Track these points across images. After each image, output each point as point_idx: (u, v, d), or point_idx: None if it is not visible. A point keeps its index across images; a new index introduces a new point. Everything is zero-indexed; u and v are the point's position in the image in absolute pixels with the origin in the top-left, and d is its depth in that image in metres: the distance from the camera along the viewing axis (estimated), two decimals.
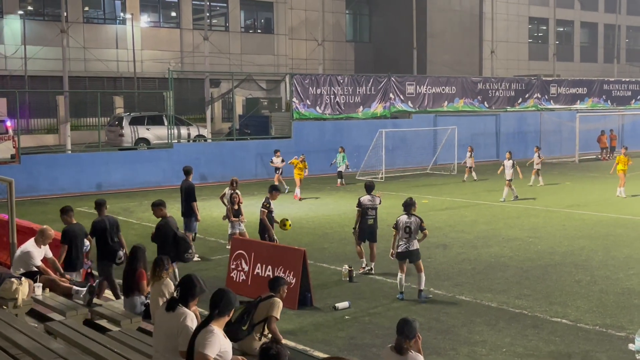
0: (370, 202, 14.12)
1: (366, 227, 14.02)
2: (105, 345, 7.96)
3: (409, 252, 12.12)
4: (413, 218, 12.11)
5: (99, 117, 30.18)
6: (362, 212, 14.02)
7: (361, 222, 14.05)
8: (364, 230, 14.03)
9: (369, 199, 14.15)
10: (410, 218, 12.10)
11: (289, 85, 33.63)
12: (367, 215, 14.03)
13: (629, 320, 10.61)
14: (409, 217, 12.13)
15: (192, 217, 15.65)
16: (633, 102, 47.52)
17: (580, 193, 25.47)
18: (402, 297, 12.07)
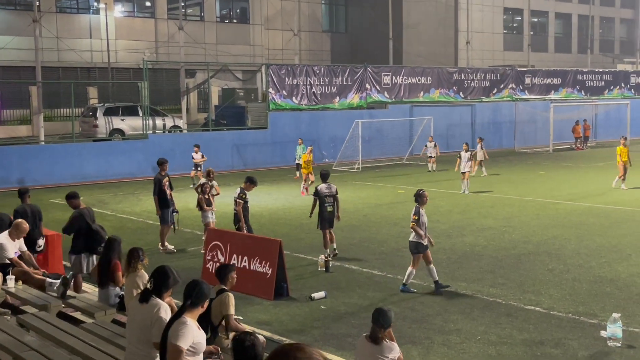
0: (328, 190, 14.48)
1: (326, 215, 14.34)
2: (79, 337, 7.91)
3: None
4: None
5: (72, 108, 29.89)
6: (320, 200, 14.36)
7: (321, 210, 14.36)
8: (324, 218, 14.33)
9: (326, 187, 14.51)
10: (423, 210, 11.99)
11: (265, 75, 33.53)
12: (325, 202, 14.37)
13: (601, 308, 10.76)
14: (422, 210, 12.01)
15: (164, 209, 15.31)
16: (606, 92, 48.01)
17: (554, 182, 25.72)
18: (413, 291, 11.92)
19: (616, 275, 12.64)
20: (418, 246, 11.76)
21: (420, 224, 11.73)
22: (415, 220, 11.70)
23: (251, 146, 32.13)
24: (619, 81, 49.00)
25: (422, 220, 11.75)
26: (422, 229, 11.72)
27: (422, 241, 11.72)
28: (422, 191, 12.07)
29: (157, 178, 15.41)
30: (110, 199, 23.22)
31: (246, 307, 10.91)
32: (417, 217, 11.70)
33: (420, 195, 11.96)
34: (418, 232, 11.66)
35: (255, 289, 11.62)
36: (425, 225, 11.85)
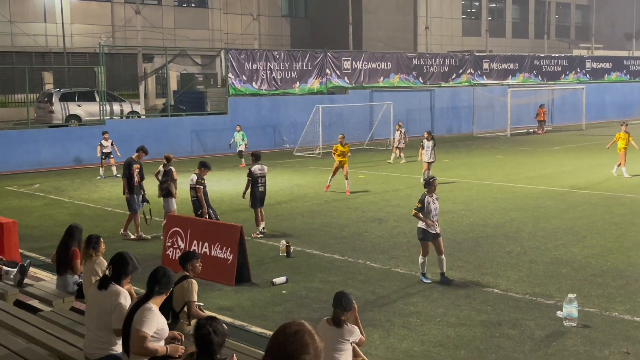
0: (261, 171, 15.16)
1: (258, 194, 15.08)
2: (37, 325, 7.81)
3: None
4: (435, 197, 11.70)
5: (27, 94, 29.28)
6: (253, 180, 15.02)
7: (253, 190, 15.05)
8: (256, 197, 15.07)
9: (259, 168, 15.16)
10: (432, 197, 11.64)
11: (225, 60, 33.25)
12: (258, 183, 15.09)
13: (557, 289, 10.97)
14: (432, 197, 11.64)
15: (133, 195, 15.00)
16: (562, 77, 48.77)
17: (512, 166, 26.08)
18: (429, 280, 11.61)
19: (572, 257, 12.90)
20: (424, 233, 11.47)
21: (426, 212, 11.41)
22: (419, 208, 11.44)
23: (211, 132, 31.91)
24: (575, 66, 49.80)
25: (428, 208, 11.42)
26: (429, 218, 11.40)
27: (429, 229, 11.42)
28: (432, 179, 11.74)
29: (128, 161, 15.21)
30: (67, 186, 22.88)
31: (207, 293, 10.87)
32: (420, 205, 11.42)
33: (428, 182, 11.67)
34: (420, 219, 11.42)
35: (217, 275, 11.58)
36: (433, 213, 11.47)
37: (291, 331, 3.01)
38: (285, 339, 2.99)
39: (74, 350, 7.04)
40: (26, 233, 15.12)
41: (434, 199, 11.57)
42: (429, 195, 11.54)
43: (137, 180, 15.07)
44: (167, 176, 15.11)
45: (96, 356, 6.60)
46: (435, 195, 11.65)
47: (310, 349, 2.98)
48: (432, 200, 11.53)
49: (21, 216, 16.78)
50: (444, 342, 8.93)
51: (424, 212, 11.43)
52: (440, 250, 11.51)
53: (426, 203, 11.45)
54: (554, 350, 8.62)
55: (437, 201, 11.65)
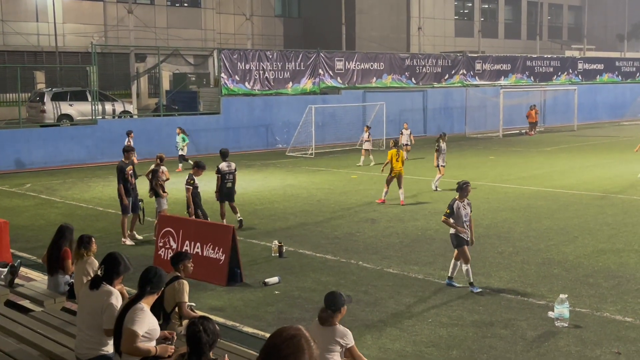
0: (228, 168, 15.60)
1: (225, 190, 15.52)
2: (28, 326, 7.78)
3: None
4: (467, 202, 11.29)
5: (19, 93, 29.17)
6: (221, 177, 15.46)
7: (221, 187, 15.50)
8: (223, 193, 15.52)
9: (226, 165, 15.63)
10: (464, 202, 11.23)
11: (217, 60, 33.20)
12: (225, 179, 15.51)
13: (549, 289, 11.00)
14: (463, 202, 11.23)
15: (129, 198, 14.70)
16: (554, 78, 48.91)
17: (504, 167, 26.13)
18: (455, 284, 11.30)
19: (564, 257, 12.93)
20: (458, 239, 11.07)
21: (455, 217, 11.02)
22: (448, 214, 11.07)
23: (204, 132, 31.84)
24: (567, 67, 49.96)
25: (458, 214, 11.02)
26: (459, 224, 11.02)
27: (462, 235, 11.03)
28: (465, 184, 11.24)
29: (120, 166, 14.79)
30: (59, 186, 22.80)
31: (199, 293, 10.85)
32: (449, 211, 11.05)
33: (461, 187, 11.19)
34: (450, 225, 11.07)
35: (208, 275, 11.55)
36: (464, 219, 11.07)
37: (288, 335, 3.01)
38: (281, 343, 2.99)
39: (65, 351, 7.01)
40: (17, 233, 15.06)
41: (465, 204, 11.16)
42: (459, 200, 11.13)
43: (133, 181, 14.88)
44: (154, 176, 15.03)
45: (87, 356, 6.57)
46: (468, 200, 11.26)
47: (305, 355, 2.97)
48: (463, 205, 11.12)
49: (12, 216, 16.72)
50: (436, 343, 8.93)
51: (454, 218, 11.04)
52: (459, 256, 11.17)
53: (456, 208, 11.04)
54: (546, 351, 8.64)
55: (468, 207, 11.22)
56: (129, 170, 14.80)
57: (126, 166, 14.82)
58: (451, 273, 11.34)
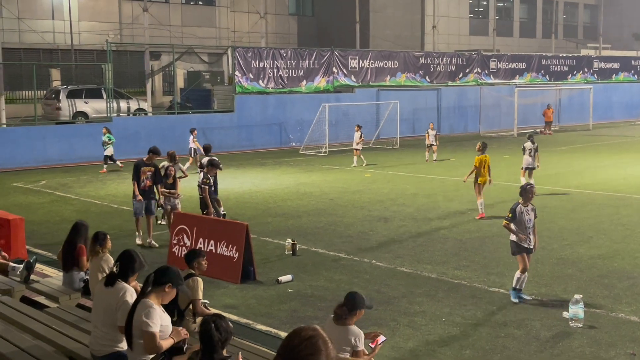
0: None
1: None
2: (43, 322, 7.83)
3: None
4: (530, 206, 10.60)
5: (34, 90, 29.37)
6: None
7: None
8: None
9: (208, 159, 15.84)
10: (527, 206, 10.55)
11: (232, 58, 33.28)
12: None
13: (563, 290, 10.95)
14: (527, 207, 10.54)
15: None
16: (570, 77, 48.64)
17: (518, 166, 25.92)
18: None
19: (578, 257, 12.86)
20: (518, 247, 10.42)
21: (518, 222, 10.34)
22: (509, 218, 10.38)
23: (217, 130, 31.93)
24: (582, 66, 49.67)
25: (521, 219, 10.34)
26: (522, 231, 10.35)
27: (522, 243, 10.37)
28: (528, 186, 10.64)
29: (136, 163, 14.32)
30: (74, 183, 22.93)
31: (213, 290, 10.89)
32: (511, 215, 10.36)
33: (524, 189, 10.54)
34: (510, 231, 10.40)
35: (222, 273, 11.59)
36: (527, 226, 10.37)
37: (306, 335, 3.06)
38: (299, 343, 3.04)
39: (80, 347, 7.06)
40: (33, 229, 15.18)
41: (529, 209, 10.44)
42: (523, 204, 10.43)
43: (148, 183, 14.21)
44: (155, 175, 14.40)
45: (102, 353, 6.61)
46: (532, 205, 10.53)
47: (322, 355, 3.01)
48: (527, 210, 10.41)
49: (28, 213, 16.85)
50: (449, 342, 8.92)
51: (516, 224, 10.36)
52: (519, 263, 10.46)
53: (518, 213, 10.34)
54: (560, 351, 8.60)
55: (532, 212, 10.47)
56: (145, 171, 14.17)
57: (144, 165, 14.24)
58: (517, 285, 10.54)
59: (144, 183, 14.21)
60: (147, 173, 14.25)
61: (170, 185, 14.71)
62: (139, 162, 14.41)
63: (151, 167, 14.34)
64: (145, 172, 14.24)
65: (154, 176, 14.35)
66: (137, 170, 14.25)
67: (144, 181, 14.22)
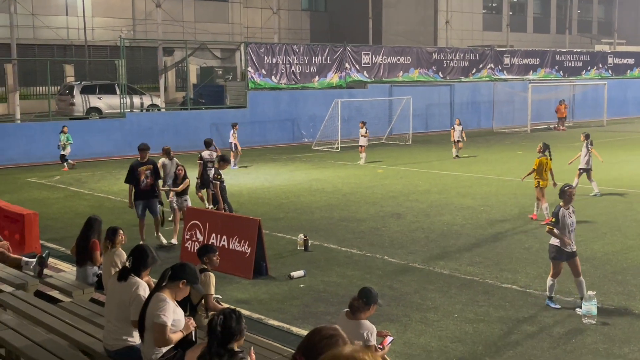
0: (209, 156, 16.69)
1: (207, 177, 16.20)
2: (57, 316, 7.89)
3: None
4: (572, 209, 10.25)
5: (48, 86, 29.50)
6: (203, 164, 16.54)
7: (202, 173, 16.48)
8: (205, 180, 16.31)
9: (208, 153, 16.78)
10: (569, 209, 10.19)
11: (244, 54, 33.29)
12: (207, 167, 16.46)
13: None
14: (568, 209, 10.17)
15: (137, 201, 13.67)
16: (584, 73, 48.30)
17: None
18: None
19: (591, 254, 12.79)
20: (558, 251, 9.96)
21: (561, 226, 9.92)
22: (553, 222, 9.97)
23: (230, 125, 31.90)
24: (597, 62, 49.30)
25: (564, 222, 9.94)
26: (565, 234, 9.92)
27: (565, 248, 9.91)
28: (567, 187, 10.26)
29: (131, 165, 13.74)
30: (87, 178, 23.05)
31: (225, 286, 10.92)
32: (554, 219, 9.96)
33: (562, 191, 10.19)
34: (555, 236, 9.91)
35: (234, 268, 11.62)
36: (569, 229, 10.00)
37: (326, 334, 3.19)
38: (319, 340, 3.14)
39: (93, 341, 7.10)
40: (47, 224, 15.27)
41: (570, 212, 10.11)
42: (564, 207, 10.07)
43: (149, 182, 13.54)
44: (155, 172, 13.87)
45: (115, 347, 6.65)
46: (572, 207, 10.22)
47: None
48: (568, 213, 10.07)
49: (42, 208, 16.95)
50: (462, 338, 8.90)
51: (559, 227, 9.94)
52: (577, 272, 9.98)
53: (561, 216, 9.96)
54: (573, 348, 8.57)
55: (573, 214, 10.16)
56: (143, 170, 13.51)
57: (140, 165, 13.55)
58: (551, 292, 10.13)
59: (144, 183, 13.54)
60: (146, 172, 13.55)
61: (179, 185, 14.34)
62: (134, 162, 13.74)
63: (149, 165, 13.63)
64: (144, 172, 13.54)
65: (154, 174, 13.69)
66: (132, 171, 13.58)
67: (144, 181, 13.53)
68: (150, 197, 13.61)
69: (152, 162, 13.76)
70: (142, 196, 13.58)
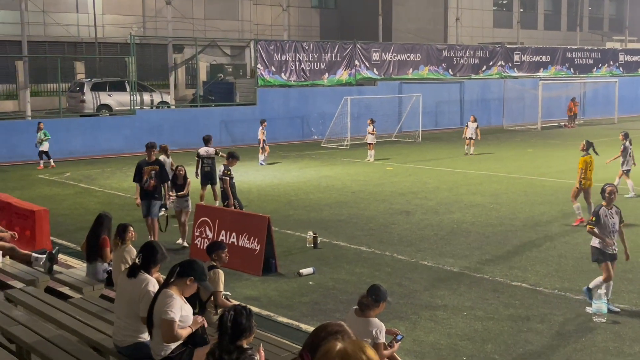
0: (205, 153, 16.73)
1: (204, 173, 16.62)
2: (67, 312, 7.92)
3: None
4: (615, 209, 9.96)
5: (59, 83, 29.63)
6: (200, 161, 16.68)
7: (201, 169, 16.70)
8: (203, 176, 16.66)
9: (204, 150, 16.81)
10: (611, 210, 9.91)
11: (254, 51, 33.31)
12: (203, 163, 16.67)
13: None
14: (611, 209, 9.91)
15: (143, 200, 13.27)
16: (595, 70, 48.07)
17: (542, 160, 25.80)
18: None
19: None
20: (601, 253, 9.72)
21: (602, 226, 9.67)
22: (593, 222, 9.72)
23: (239, 122, 32.01)
24: (608, 59, 49.05)
25: (605, 223, 9.70)
26: (606, 235, 9.66)
27: (607, 249, 9.67)
28: (607, 186, 9.95)
29: (139, 162, 13.40)
30: (97, 175, 23.13)
31: (234, 282, 10.94)
32: (595, 219, 9.71)
33: (603, 191, 9.92)
34: (596, 236, 9.70)
35: (244, 265, 11.64)
36: (611, 230, 9.71)
37: (332, 330, 3.23)
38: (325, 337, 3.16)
39: (103, 337, 7.13)
40: (57, 221, 15.33)
41: (613, 212, 9.82)
42: (606, 207, 9.81)
43: (152, 183, 13.05)
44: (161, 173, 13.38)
45: (125, 343, 6.67)
46: (616, 207, 9.93)
47: None
48: (610, 213, 9.79)
49: (53, 204, 17.03)
50: (471, 336, 8.88)
51: (600, 228, 9.70)
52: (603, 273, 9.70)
53: (602, 216, 9.72)
54: (583, 346, 8.53)
55: (617, 215, 9.84)
56: (149, 170, 13.06)
57: (146, 165, 13.15)
58: (596, 295, 9.59)
59: (147, 183, 13.04)
60: (151, 172, 13.06)
61: (180, 186, 13.71)
62: (141, 161, 13.41)
63: (155, 166, 13.18)
64: (148, 172, 13.06)
65: (159, 175, 13.17)
66: (139, 170, 13.20)
67: (147, 181, 13.03)
68: (151, 198, 13.13)
69: (159, 162, 13.46)
70: (145, 196, 13.16)
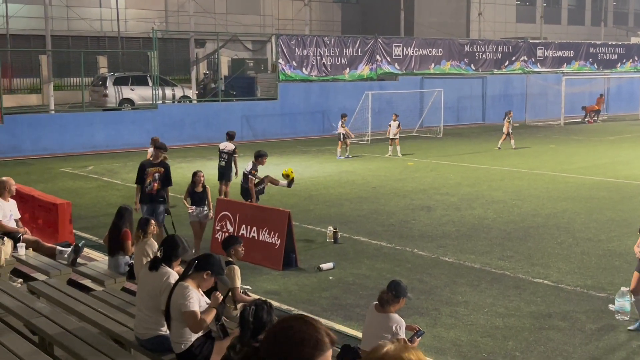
0: (223, 147, 16.39)
1: (219, 168, 16.39)
2: (89, 304, 7.98)
3: None
4: None
5: (82, 77, 29.82)
6: (220, 155, 16.41)
7: (218, 163, 16.47)
8: (218, 171, 16.39)
9: (224, 145, 16.48)
10: None
11: (275, 46, 33.32)
12: (220, 157, 16.37)
13: (609, 282, 10.74)
14: None
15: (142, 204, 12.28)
16: (619, 66, 47.53)
17: (565, 156, 25.58)
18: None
19: (625, 249, 12.59)
20: None
21: None
22: None
23: (261, 117, 32.06)
24: (632, 54, 48.47)
25: None
26: None
27: None
28: None
29: (142, 163, 12.46)
30: (120, 169, 23.29)
31: (255, 277, 10.97)
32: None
33: None
34: None
35: (264, 259, 11.66)
36: None
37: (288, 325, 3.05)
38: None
39: (125, 330, 7.18)
40: (80, 214, 15.46)
41: None
42: None
43: (155, 186, 12.11)
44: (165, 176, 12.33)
45: (146, 336, 6.72)
46: None
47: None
48: None
49: (75, 197, 17.17)
50: (492, 333, 8.83)
51: None
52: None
53: None
54: (605, 344, 8.45)
55: None
56: (153, 172, 12.13)
57: (150, 166, 12.24)
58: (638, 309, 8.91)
59: (150, 186, 12.08)
60: (155, 174, 12.11)
61: (199, 194, 12.31)
62: (144, 161, 12.52)
63: (160, 168, 12.20)
64: (152, 174, 12.10)
65: (164, 179, 12.20)
66: (141, 171, 12.20)
67: (150, 184, 12.07)
68: (155, 201, 12.14)
69: (164, 165, 12.35)
70: (146, 200, 12.15)
